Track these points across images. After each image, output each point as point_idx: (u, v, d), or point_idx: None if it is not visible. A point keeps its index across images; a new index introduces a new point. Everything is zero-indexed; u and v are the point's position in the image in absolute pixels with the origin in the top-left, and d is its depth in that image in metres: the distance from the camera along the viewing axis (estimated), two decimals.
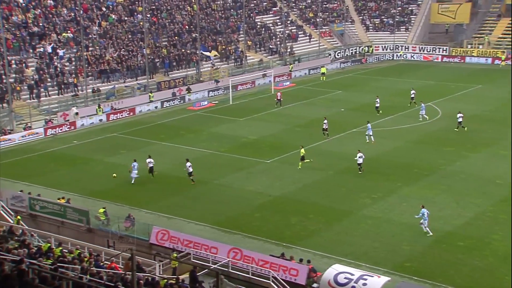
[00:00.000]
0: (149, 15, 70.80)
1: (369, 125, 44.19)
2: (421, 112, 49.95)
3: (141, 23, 67.94)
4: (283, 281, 24.57)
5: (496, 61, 76.73)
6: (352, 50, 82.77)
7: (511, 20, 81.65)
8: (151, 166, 37.39)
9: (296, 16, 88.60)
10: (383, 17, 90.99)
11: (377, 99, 52.75)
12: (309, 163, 38.58)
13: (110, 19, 67.59)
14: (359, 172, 37.55)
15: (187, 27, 72.95)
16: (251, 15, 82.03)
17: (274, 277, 24.72)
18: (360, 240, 28.99)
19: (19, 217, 30.52)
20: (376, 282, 22.50)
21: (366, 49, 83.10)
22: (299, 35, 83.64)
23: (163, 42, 68.42)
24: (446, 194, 34.20)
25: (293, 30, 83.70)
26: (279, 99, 56.43)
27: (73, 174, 39.17)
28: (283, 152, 42.38)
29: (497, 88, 62.23)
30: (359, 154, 37.84)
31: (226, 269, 25.37)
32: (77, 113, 51.47)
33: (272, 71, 68.19)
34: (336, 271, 23.33)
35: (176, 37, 69.79)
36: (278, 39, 79.96)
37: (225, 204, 33.61)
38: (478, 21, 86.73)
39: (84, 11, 65.29)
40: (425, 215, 29.55)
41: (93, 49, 61.74)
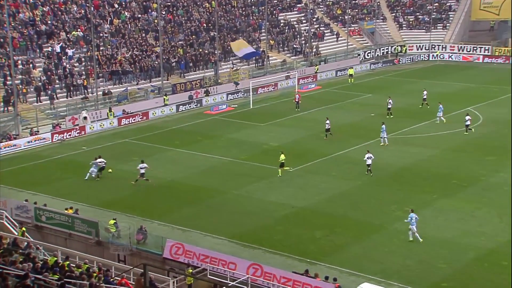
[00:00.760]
0: (164, 12, 71.41)
1: (383, 126, 44.97)
2: (438, 113, 50.57)
3: (155, 20, 68.53)
4: None
5: None
6: (383, 50, 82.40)
7: None
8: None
9: (322, 13, 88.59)
10: (418, 13, 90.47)
11: (389, 99, 53.45)
12: (288, 171, 39.21)
13: (123, 16, 68.31)
14: (365, 173, 38.66)
15: (204, 25, 73.38)
16: (274, 12, 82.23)
17: None
18: (391, 257, 28.75)
19: (24, 228, 30.87)
20: None
21: (399, 48, 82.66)
22: (326, 34, 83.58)
23: (179, 41, 68.90)
24: (488, 208, 33.80)
25: (319, 29, 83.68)
26: (297, 101, 56.65)
27: (82, 182, 39.44)
28: (307, 160, 42.29)
29: None
30: (368, 155, 38.82)
31: (245, 286, 25.33)
32: (86, 117, 51.97)
33: (296, 72, 68.20)
34: None
35: (193, 36, 70.24)
36: (303, 38, 79.98)
37: (245, 216, 33.61)
38: None
39: (95, 8, 66.11)
40: (413, 219, 29.92)
41: (104, 49, 62.42)
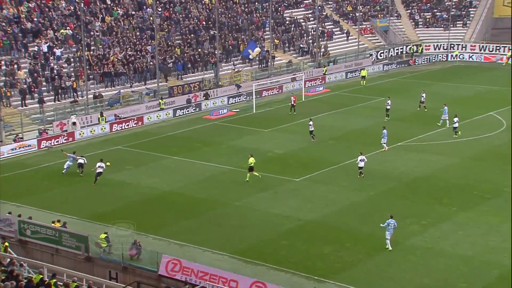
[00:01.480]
0: (160, 9, 71.61)
1: (385, 131, 45.37)
2: (443, 116, 51.37)
3: (151, 18, 68.69)
4: None
5: None
6: (397, 50, 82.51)
7: None
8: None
9: (331, 10, 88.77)
10: (435, 10, 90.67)
11: (388, 100, 54.45)
12: (257, 177, 39.79)
13: (115, 13, 68.51)
14: (358, 177, 39.75)
15: (204, 23, 73.55)
16: (279, 9, 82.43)
17: None
18: (407, 275, 28.66)
19: (6, 243, 30.74)
20: None
21: (415, 48, 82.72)
22: (335, 33, 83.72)
23: (176, 40, 69.06)
24: None
25: (328, 27, 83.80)
26: (293, 104, 56.80)
27: (71, 193, 39.45)
28: (314, 169, 42.24)
29: None
30: (361, 157, 40.02)
31: None
32: (75, 123, 52.00)
33: (303, 74, 68.26)
34: None
35: (191, 35, 70.39)
36: (310, 37, 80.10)
37: (247, 229, 33.58)
38: None
39: (85, 4, 66.30)
40: (391, 226, 30.49)
41: (95, 49, 62.58)
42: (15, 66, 56.90)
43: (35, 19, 62.80)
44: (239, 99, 63.46)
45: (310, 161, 44.16)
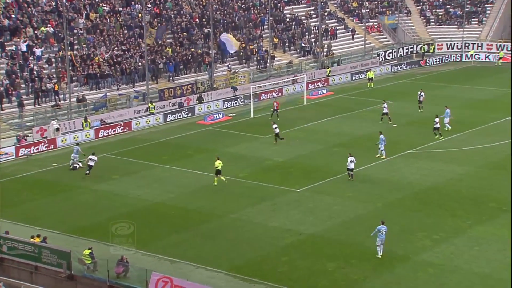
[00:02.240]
0: (149, 5, 71.74)
1: (382, 136, 45.76)
2: (445, 119, 51.79)
3: (139, 15, 68.79)
4: None
5: None
6: (407, 49, 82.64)
7: None
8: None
9: (335, 7, 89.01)
10: (448, 6, 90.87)
11: (384, 103, 55.18)
12: (224, 183, 40.71)
13: (101, 10, 68.61)
14: (348, 178, 41.26)
15: (197, 20, 73.69)
16: (279, 5, 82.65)
17: None
18: None
19: None
20: None
21: (426, 48, 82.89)
22: (339, 31, 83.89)
23: (167, 39, 69.17)
24: None
25: (331, 24, 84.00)
26: (275, 109, 57.23)
27: (52, 205, 39.39)
28: (317, 178, 42.25)
29: None
30: (350, 158, 41.43)
31: None
32: (58, 129, 51.99)
33: (305, 76, 68.37)
34: None
35: (183, 33, 70.52)
36: (312, 35, 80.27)
37: (244, 244, 33.54)
38: None
39: None
40: (382, 232, 31.10)
41: (79, 48, 62.63)
42: None
43: (13, 15, 62.75)
44: (236, 102, 63.50)
45: (312, 169, 44.13)
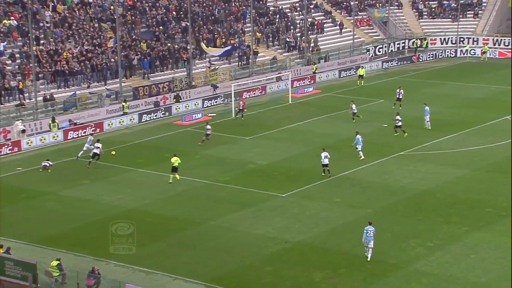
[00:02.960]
0: None
1: (358, 136, 46.34)
2: (426, 118, 53.11)
3: (111, 7, 68.58)
4: None
5: None
6: (398, 44, 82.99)
7: None
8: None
9: None
10: None
11: (352, 104, 56.56)
12: (179, 181, 41.63)
13: (69, 1, 68.30)
14: (322, 174, 42.46)
15: (174, 13, 73.59)
16: None
17: None
18: None
19: None
20: None
21: (419, 43, 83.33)
22: (327, 25, 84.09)
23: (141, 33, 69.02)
24: None
25: (318, 18, 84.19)
26: (241, 108, 57.76)
27: (16, 212, 39.12)
28: (303, 182, 42.33)
29: None
30: (324, 153, 42.70)
31: None
32: (24, 130, 51.70)
33: (290, 73, 68.44)
34: None
35: (159, 27, 70.39)
36: (297, 29, 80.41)
37: (225, 253, 33.50)
38: None
39: None
40: (370, 233, 31.66)
41: (45, 43, 62.34)
42: None
43: None
44: (216, 101, 63.47)
45: (298, 173, 44.19)
